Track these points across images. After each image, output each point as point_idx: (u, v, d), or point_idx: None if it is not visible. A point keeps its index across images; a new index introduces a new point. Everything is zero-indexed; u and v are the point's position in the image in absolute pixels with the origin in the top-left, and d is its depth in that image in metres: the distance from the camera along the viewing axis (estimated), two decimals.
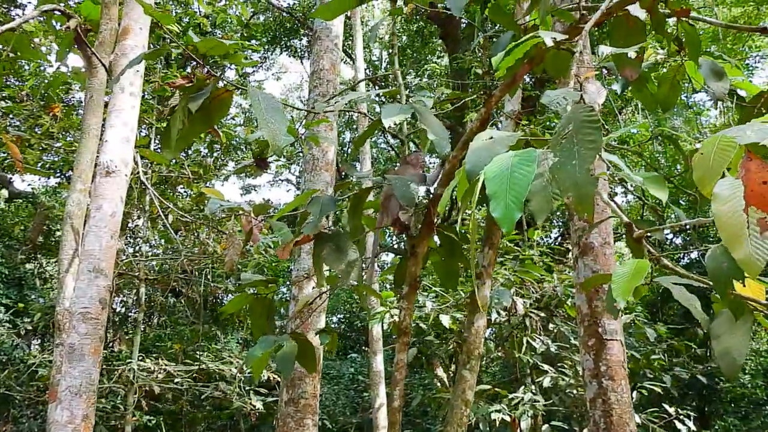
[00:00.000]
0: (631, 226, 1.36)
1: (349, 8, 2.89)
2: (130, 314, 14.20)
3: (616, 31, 2.70)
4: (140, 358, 10.58)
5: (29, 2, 13.09)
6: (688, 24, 2.80)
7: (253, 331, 3.31)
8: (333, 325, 21.09)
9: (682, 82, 3.16)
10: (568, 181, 1.16)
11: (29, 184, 15.07)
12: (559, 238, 14.69)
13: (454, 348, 8.72)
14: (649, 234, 1.71)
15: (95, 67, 4.37)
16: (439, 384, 9.71)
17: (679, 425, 7.86)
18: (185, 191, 12.56)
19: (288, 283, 9.79)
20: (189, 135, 2.78)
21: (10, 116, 10.79)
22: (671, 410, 7.93)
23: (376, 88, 17.20)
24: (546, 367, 8.04)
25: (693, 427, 7.85)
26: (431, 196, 2.96)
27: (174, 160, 10.69)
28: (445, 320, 7.40)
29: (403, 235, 3.16)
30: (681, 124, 17.78)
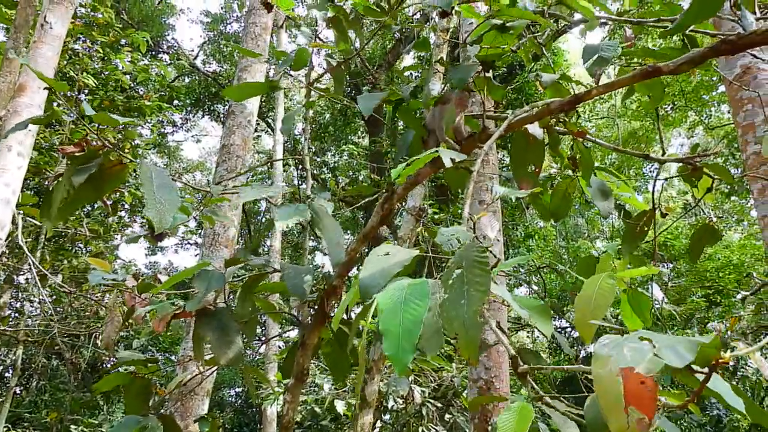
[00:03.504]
0: (517, 360, 1.36)
1: (259, 93, 2.87)
2: (7, 374, 13.11)
3: (517, 144, 2.81)
4: (6, 428, 9.65)
5: None
6: (583, 145, 2.95)
7: (127, 412, 3.07)
8: (230, 399, 20.16)
9: (577, 191, 3.31)
10: (456, 321, 1.17)
11: None
12: None
13: None
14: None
15: None
16: None
17: None
18: (86, 248, 11.91)
19: None
20: (74, 204, 2.60)
21: None
22: None
23: (294, 163, 17.25)
24: None
25: None
26: (325, 288, 2.89)
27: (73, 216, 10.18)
28: (340, 406, 7.21)
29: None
30: (583, 223, 18.77)
